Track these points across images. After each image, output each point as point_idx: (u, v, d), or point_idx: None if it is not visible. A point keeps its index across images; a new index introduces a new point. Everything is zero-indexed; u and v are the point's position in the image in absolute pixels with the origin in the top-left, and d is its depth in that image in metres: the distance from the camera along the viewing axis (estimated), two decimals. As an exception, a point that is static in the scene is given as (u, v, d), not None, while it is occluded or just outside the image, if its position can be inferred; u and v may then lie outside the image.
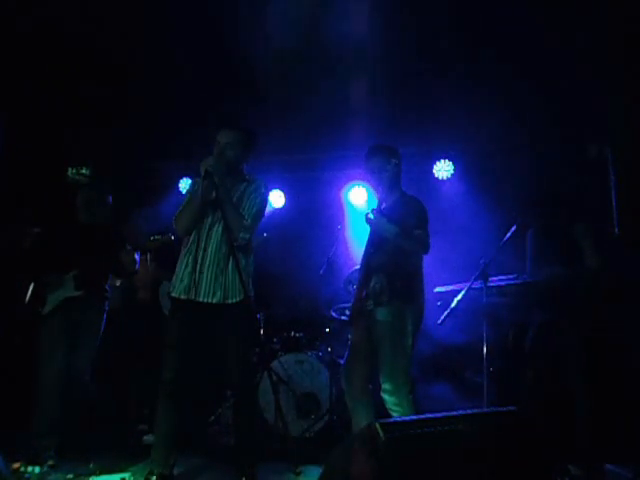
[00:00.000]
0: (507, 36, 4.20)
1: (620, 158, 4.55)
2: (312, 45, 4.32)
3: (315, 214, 6.04)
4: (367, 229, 3.42)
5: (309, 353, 4.80)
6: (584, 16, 4.02)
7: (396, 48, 4.60)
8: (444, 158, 5.67)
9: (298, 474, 3.39)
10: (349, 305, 4.07)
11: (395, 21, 4.37)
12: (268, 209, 3.55)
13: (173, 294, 3.21)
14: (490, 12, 4.16)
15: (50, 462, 3.53)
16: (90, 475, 3.40)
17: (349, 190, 5.93)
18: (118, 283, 4.36)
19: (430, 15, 4.21)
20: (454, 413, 2.01)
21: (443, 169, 5.64)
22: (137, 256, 3.91)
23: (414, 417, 2.58)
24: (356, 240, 5.11)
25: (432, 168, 5.67)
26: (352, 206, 5.92)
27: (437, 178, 5.67)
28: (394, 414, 3.09)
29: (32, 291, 3.88)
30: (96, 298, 3.93)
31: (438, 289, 3.77)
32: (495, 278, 3.43)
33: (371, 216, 3.24)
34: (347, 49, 4.44)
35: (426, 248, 3.29)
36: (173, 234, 3.80)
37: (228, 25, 4.37)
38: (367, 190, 5.71)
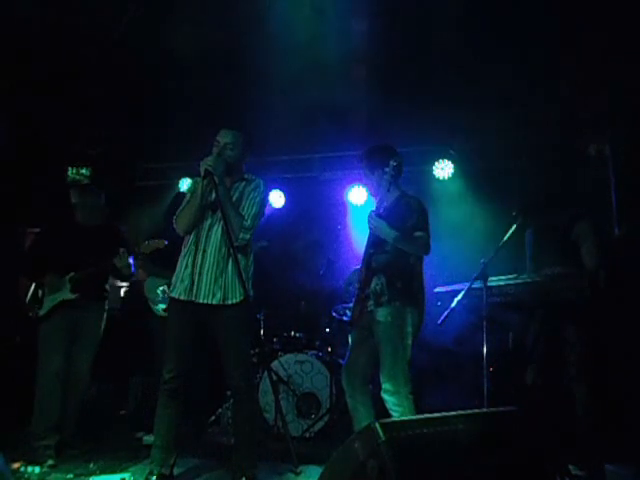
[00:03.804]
0: (507, 35, 4.20)
1: (620, 158, 4.55)
2: (311, 45, 4.32)
3: (315, 214, 6.04)
4: (367, 229, 3.41)
5: (309, 353, 4.80)
6: (585, 15, 4.01)
7: (396, 47, 4.60)
8: (444, 158, 5.67)
9: (298, 474, 3.39)
10: (349, 305, 4.07)
11: (395, 20, 4.37)
12: (267, 209, 3.55)
13: (173, 294, 3.21)
14: (490, 11, 4.15)
15: (50, 462, 3.53)
16: (90, 475, 3.40)
17: (350, 190, 5.93)
18: (121, 285, 4.37)
19: (430, 14, 4.21)
20: (454, 413, 2.00)
21: (443, 169, 5.65)
22: (131, 259, 3.89)
23: (414, 417, 2.59)
24: (356, 240, 5.11)
25: (432, 168, 5.67)
26: (353, 206, 5.92)
27: (437, 178, 5.67)
28: (394, 414, 3.08)
29: (32, 292, 3.88)
30: (96, 299, 3.93)
31: (438, 289, 3.76)
32: (495, 278, 3.43)
33: (371, 219, 3.22)
34: (347, 49, 4.43)
35: (427, 250, 3.28)
36: (167, 239, 3.79)
37: (229, 26, 4.37)
38: (367, 190, 5.71)
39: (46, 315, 3.76)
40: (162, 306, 4.52)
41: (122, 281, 4.95)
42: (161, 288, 4.58)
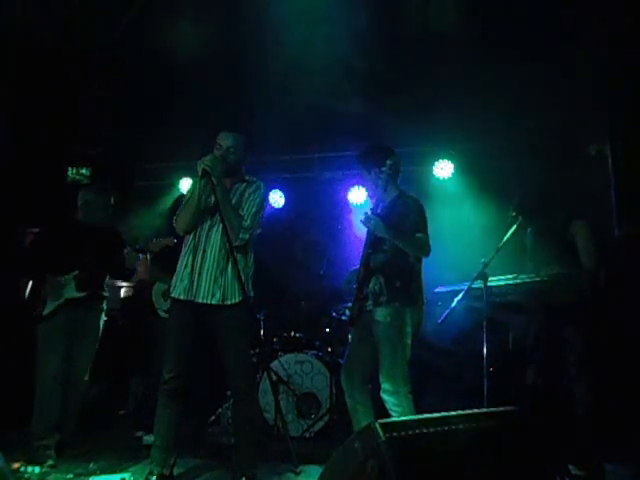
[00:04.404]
0: (507, 35, 4.20)
1: (620, 158, 4.55)
2: (312, 44, 4.32)
3: (315, 214, 6.04)
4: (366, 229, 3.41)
5: (309, 353, 4.79)
6: (585, 15, 4.02)
7: (396, 48, 4.60)
8: (444, 158, 5.67)
9: (298, 474, 3.39)
10: (349, 305, 4.07)
11: (394, 20, 4.38)
12: (267, 209, 3.55)
13: (173, 294, 3.21)
14: (490, 11, 4.16)
15: (50, 462, 3.52)
16: (90, 475, 3.40)
17: (350, 190, 5.93)
18: (121, 285, 4.37)
19: (429, 14, 4.21)
20: (454, 413, 2.00)
21: (443, 169, 5.65)
22: (140, 258, 3.91)
23: (414, 417, 2.59)
24: (356, 240, 5.11)
25: (432, 168, 5.67)
26: (353, 206, 5.92)
27: (437, 178, 5.67)
28: (394, 414, 3.08)
29: (30, 290, 3.87)
30: (96, 298, 3.93)
31: (438, 289, 3.77)
32: (495, 278, 3.43)
33: (367, 217, 3.21)
34: (347, 49, 4.44)
35: (427, 251, 3.27)
36: (175, 237, 3.80)
37: (228, 26, 4.37)
38: (366, 190, 5.71)
39: (50, 314, 3.75)
40: (164, 308, 4.54)
41: (124, 281, 4.95)
42: (162, 290, 4.61)
